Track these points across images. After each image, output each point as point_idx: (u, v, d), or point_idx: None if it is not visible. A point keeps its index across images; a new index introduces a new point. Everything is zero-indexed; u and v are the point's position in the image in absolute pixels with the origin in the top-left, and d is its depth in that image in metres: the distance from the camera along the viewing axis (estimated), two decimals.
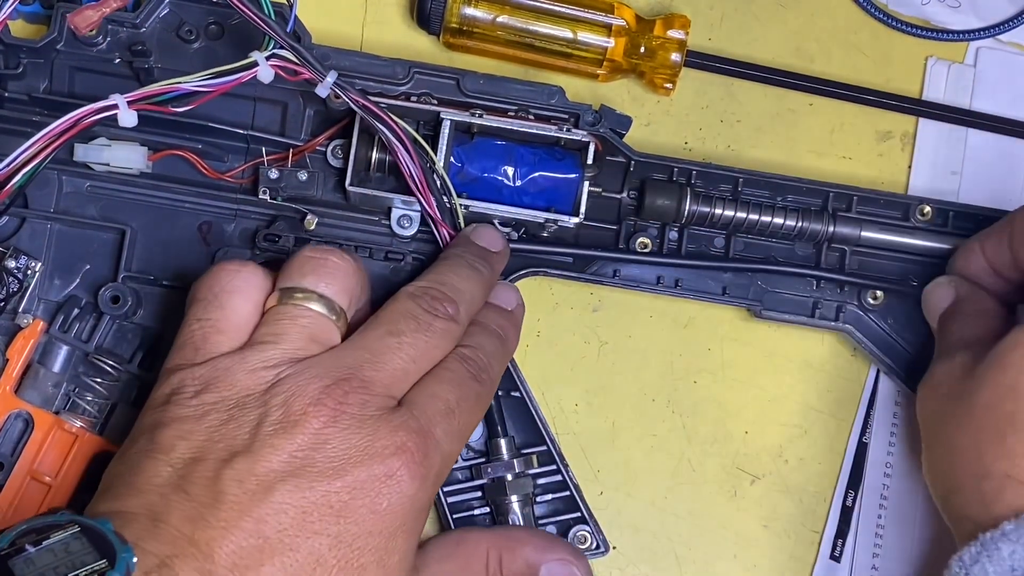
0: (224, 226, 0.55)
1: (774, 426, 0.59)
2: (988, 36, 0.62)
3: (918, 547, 0.58)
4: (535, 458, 0.55)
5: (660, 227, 0.57)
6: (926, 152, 0.61)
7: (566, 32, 0.57)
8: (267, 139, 0.54)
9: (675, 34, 0.58)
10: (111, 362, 0.53)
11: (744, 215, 0.56)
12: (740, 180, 0.57)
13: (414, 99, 0.55)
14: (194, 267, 0.54)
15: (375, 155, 0.53)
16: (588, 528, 0.55)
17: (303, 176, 0.55)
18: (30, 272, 0.53)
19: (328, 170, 0.55)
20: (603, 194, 0.57)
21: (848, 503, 0.58)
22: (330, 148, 0.55)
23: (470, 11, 0.56)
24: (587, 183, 0.54)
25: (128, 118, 0.49)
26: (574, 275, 0.56)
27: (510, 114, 0.55)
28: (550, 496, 0.55)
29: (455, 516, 0.55)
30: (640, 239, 0.57)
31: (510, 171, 0.54)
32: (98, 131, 0.53)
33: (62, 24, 0.53)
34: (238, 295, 0.47)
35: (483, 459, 0.55)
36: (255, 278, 0.48)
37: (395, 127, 0.50)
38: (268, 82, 0.50)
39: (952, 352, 0.51)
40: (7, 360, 0.52)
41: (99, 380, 0.53)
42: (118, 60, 0.54)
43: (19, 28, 0.57)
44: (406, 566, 0.45)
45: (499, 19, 0.57)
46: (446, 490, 0.55)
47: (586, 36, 0.57)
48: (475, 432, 0.55)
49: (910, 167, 0.61)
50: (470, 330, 0.50)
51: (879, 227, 0.57)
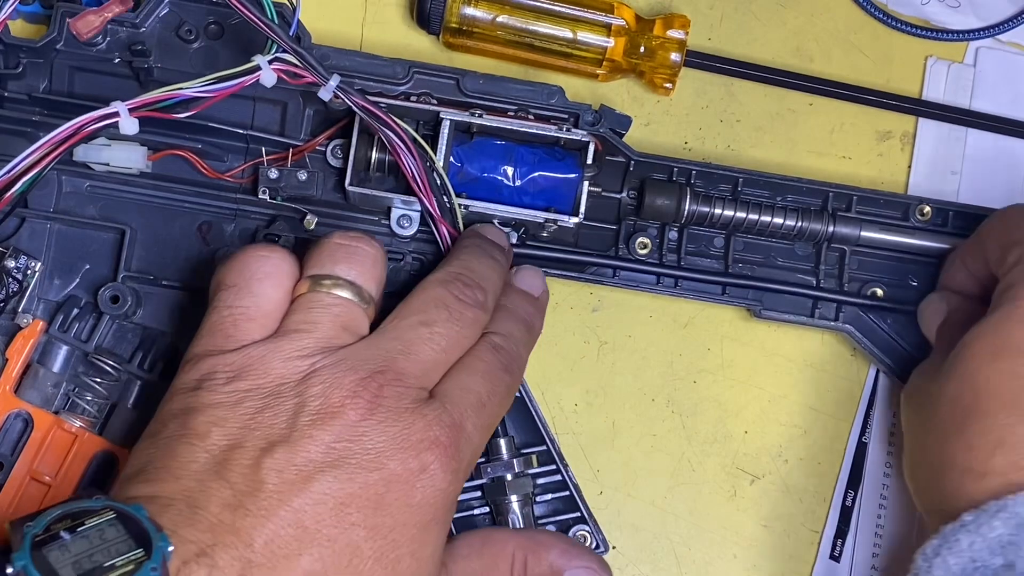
0: (224, 226, 0.55)
1: (774, 426, 0.59)
2: (988, 36, 0.62)
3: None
4: (535, 458, 0.55)
5: (660, 227, 0.57)
6: (926, 152, 0.61)
7: (566, 32, 0.57)
8: (267, 139, 0.54)
9: (675, 34, 0.58)
10: (111, 362, 0.53)
11: (744, 215, 0.56)
12: (740, 180, 0.57)
13: (414, 99, 0.55)
14: (194, 267, 0.54)
15: (375, 155, 0.53)
16: (588, 528, 0.55)
17: (303, 176, 0.54)
18: (30, 272, 0.53)
19: (328, 170, 0.55)
20: (603, 194, 0.57)
21: (848, 503, 0.58)
22: (330, 148, 0.55)
23: (470, 11, 0.56)
24: (587, 183, 0.54)
25: (129, 126, 0.49)
26: (574, 275, 0.56)
27: (510, 114, 0.55)
28: (550, 496, 0.55)
29: (454, 516, 0.55)
30: (640, 239, 0.57)
31: (510, 171, 0.54)
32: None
33: (62, 24, 0.53)
34: (268, 281, 0.47)
35: (483, 459, 0.55)
36: (285, 264, 0.47)
37: (396, 129, 0.50)
38: (271, 86, 0.49)
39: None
40: (7, 360, 0.52)
41: (99, 380, 0.53)
42: (118, 60, 0.54)
43: (19, 28, 0.57)
44: (437, 559, 0.45)
45: (499, 19, 0.57)
46: None
47: (586, 36, 0.57)
48: None
49: (910, 167, 0.61)
50: (497, 316, 0.50)
51: (879, 227, 0.57)
